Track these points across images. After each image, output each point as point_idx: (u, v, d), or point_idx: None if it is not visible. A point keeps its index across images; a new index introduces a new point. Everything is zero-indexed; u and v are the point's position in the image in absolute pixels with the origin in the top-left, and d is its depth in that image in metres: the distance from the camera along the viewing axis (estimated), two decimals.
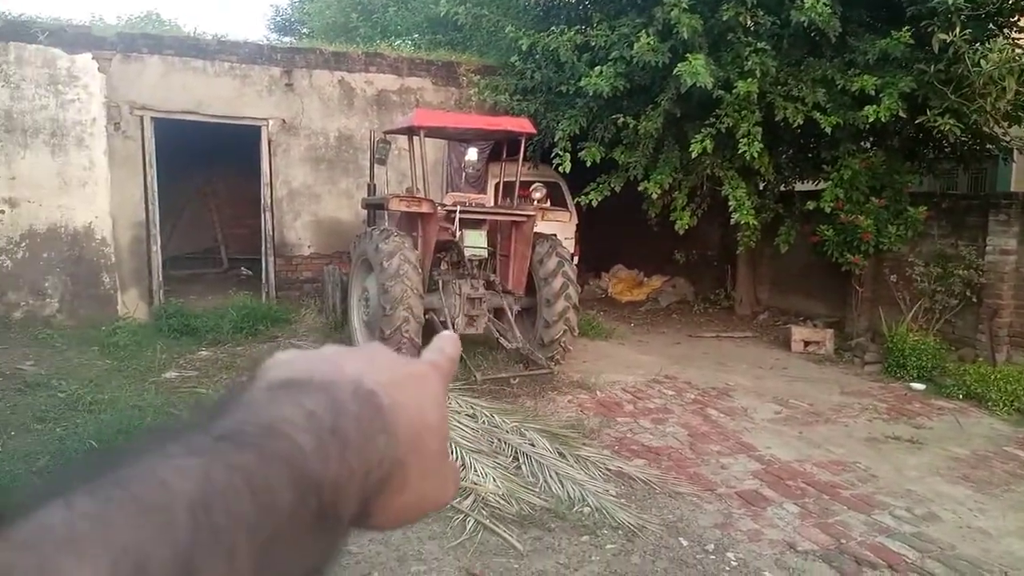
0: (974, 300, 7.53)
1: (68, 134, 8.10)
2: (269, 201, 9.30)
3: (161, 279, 8.88)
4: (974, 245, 7.64)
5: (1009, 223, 7.40)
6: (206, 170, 13.03)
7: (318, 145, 9.49)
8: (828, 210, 7.72)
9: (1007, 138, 7.87)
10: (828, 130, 7.08)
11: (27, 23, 8.04)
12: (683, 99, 7.37)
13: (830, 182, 7.78)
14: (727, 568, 3.41)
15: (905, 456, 5.01)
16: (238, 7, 45.98)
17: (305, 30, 20.59)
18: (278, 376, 0.42)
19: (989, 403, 6.21)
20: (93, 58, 8.18)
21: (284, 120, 9.27)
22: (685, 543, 3.62)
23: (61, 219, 8.14)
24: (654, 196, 8.06)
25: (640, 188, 8.08)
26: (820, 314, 9.58)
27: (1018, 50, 6.38)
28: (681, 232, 8.22)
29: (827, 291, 9.45)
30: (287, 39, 18.95)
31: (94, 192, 8.24)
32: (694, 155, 7.33)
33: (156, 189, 8.72)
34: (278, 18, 23.00)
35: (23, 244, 8.03)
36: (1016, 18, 7.35)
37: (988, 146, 8.50)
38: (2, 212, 7.92)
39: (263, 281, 9.48)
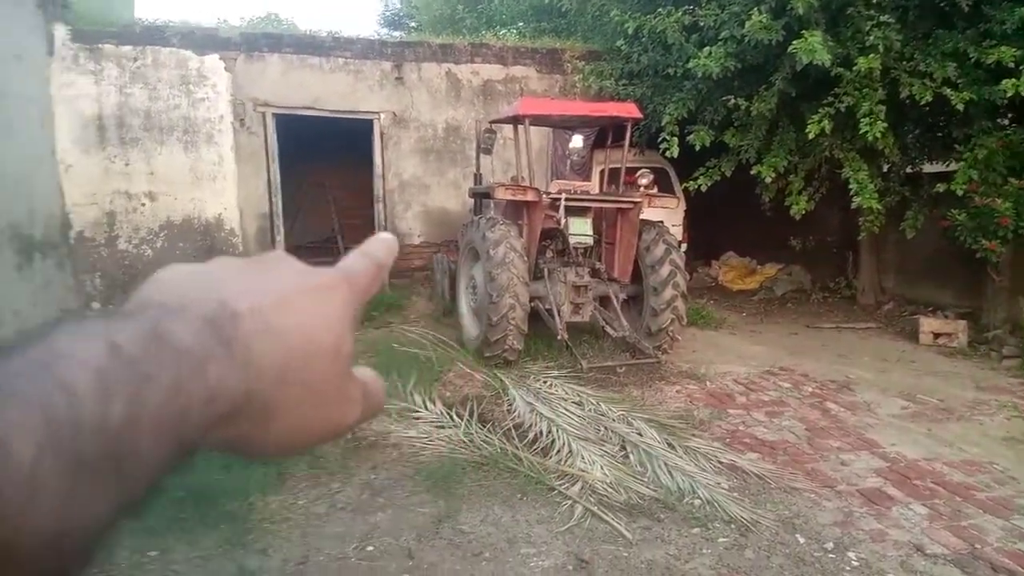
0: None
1: (199, 131, 8.67)
2: (381, 192, 9.62)
3: None
4: None
5: None
6: (322, 163, 13.59)
7: (427, 137, 9.72)
8: (960, 193, 7.16)
9: None
10: (960, 107, 6.56)
11: (161, 28, 8.66)
12: (798, 78, 7.05)
13: (963, 163, 7.22)
14: (848, 568, 3.27)
15: None
16: (350, 4, 47.58)
17: (413, 24, 21.14)
18: (136, 299, 0.39)
19: None
20: (220, 58, 8.72)
21: (395, 113, 9.54)
22: (802, 540, 3.49)
23: (194, 211, 8.75)
24: (768, 180, 7.78)
25: (753, 172, 7.81)
26: (951, 304, 8.96)
27: None
28: (797, 217, 7.89)
29: (959, 279, 8.81)
30: (397, 33, 19.49)
31: (223, 186, 8.81)
32: (811, 136, 7.00)
33: (279, 182, 9.19)
34: (387, 13, 23.70)
35: (162, 235, 8.69)
36: None
37: None
38: (143, 205, 8.60)
39: None
